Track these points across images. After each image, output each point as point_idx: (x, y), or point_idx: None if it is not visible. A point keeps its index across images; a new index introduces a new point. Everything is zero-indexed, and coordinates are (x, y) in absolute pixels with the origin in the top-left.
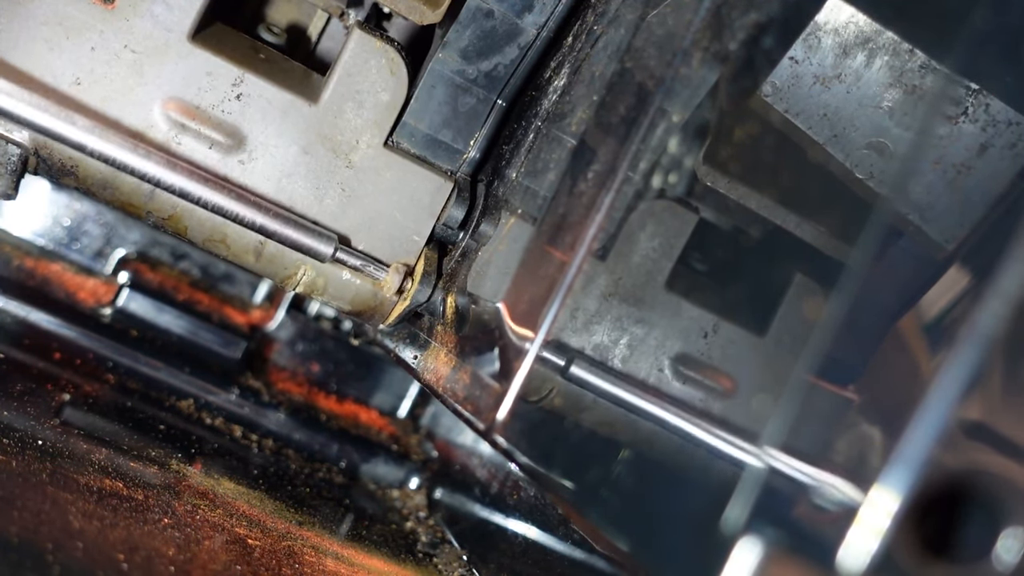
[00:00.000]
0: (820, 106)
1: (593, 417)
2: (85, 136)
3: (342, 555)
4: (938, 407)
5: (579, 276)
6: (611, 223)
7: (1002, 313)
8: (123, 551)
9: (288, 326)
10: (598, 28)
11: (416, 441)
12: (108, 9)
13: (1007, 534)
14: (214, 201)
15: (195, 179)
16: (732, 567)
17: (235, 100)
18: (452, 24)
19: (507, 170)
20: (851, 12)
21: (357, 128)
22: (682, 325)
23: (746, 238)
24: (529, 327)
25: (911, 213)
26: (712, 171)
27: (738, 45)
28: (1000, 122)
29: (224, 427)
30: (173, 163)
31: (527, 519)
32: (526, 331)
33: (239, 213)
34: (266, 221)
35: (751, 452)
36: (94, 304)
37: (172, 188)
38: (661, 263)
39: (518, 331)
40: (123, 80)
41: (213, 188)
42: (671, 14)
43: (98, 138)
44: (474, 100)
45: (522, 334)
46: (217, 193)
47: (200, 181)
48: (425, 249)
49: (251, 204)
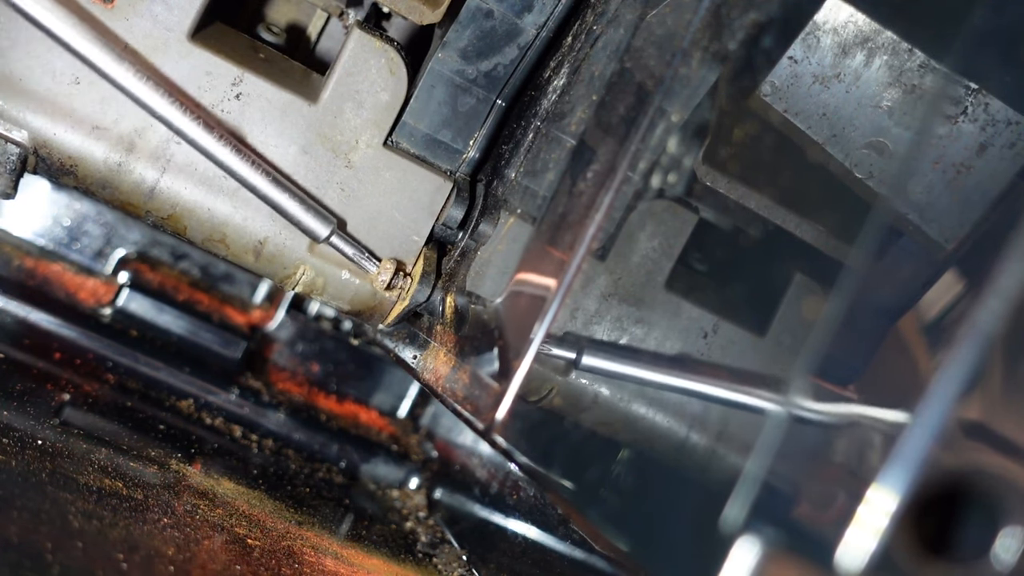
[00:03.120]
0: (819, 106)
1: (593, 417)
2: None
3: (342, 555)
4: (937, 407)
5: (579, 276)
6: (611, 223)
7: (1002, 313)
8: (123, 551)
9: (288, 326)
10: (597, 28)
11: (416, 441)
12: (108, 8)
13: (1006, 533)
14: (220, 154)
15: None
16: (731, 566)
17: (235, 99)
18: (452, 24)
19: (506, 170)
20: (850, 11)
21: (356, 128)
22: (682, 325)
23: (746, 238)
24: (528, 327)
25: (911, 213)
26: (712, 171)
27: (737, 45)
28: (999, 121)
29: (224, 427)
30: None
31: (527, 519)
32: (525, 331)
33: (240, 170)
34: (268, 186)
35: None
36: (94, 304)
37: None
38: (661, 263)
39: (517, 331)
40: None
41: (223, 142)
42: (670, 14)
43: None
44: (473, 100)
45: (521, 334)
46: (221, 145)
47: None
48: (424, 249)
49: (257, 166)
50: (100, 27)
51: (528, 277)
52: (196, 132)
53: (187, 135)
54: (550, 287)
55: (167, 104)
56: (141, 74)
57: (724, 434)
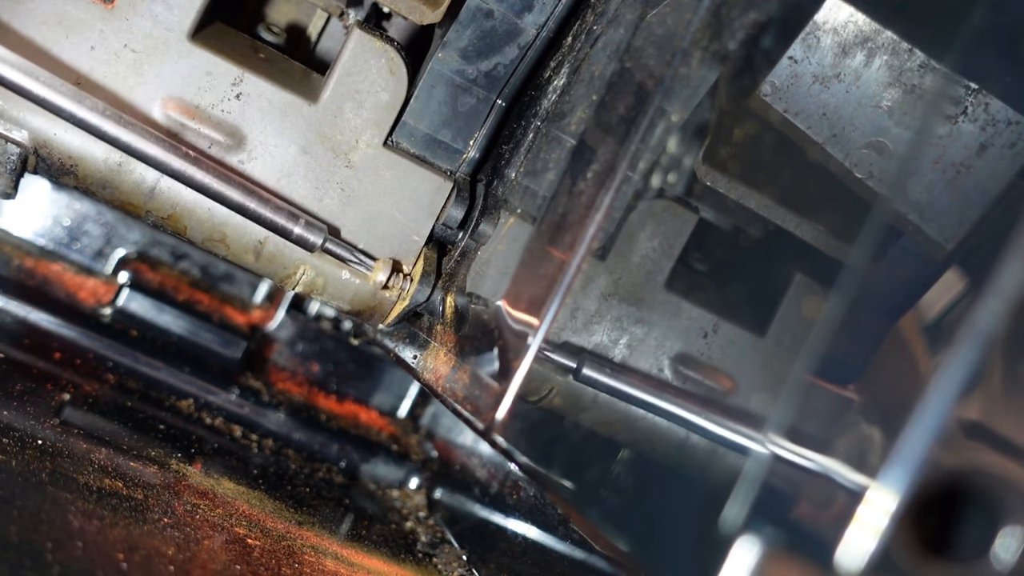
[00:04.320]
0: (819, 105)
1: (593, 417)
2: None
3: (342, 555)
4: (937, 406)
5: (578, 276)
6: (611, 223)
7: (1001, 312)
8: (123, 551)
9: (288, 326)
10: (597, 28)
11: (416, 441)
12: (108, 8)
13: (1005, 533)
14: (200, 178)
15: (178, 154)
16: (731, 566)
17: (235, 99)
18: (452, 24)
19: (506, 170)
20: (850, 11)
21: (357, 128)
22: (682, 325)
23: (746, 238)
24: (528, 327)
25: (911, 212)
26: (711, 171)
27: (737, 45)
28: (999, 121)
29: (224, 427)
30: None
31: (527, 519)
32: (525, 331)
33: (225, 192)
34: (253, 203)
35: (750, 450)
36: (94, 304)
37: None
38: (661, 263)
39: (517, 331)
40: (123, 79)
41: (200, 167)
42: (670, 14)
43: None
44: (474, 100)
45: (521, 334)
46: (203, 171)
47: (183, 157)
48: (424, 249)
49: (240, 186)
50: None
51: (528, 277)
52: (174, 162)
53: (162, 166)
54: (550, 287)
55: (134, 137)
56: (109, 111)
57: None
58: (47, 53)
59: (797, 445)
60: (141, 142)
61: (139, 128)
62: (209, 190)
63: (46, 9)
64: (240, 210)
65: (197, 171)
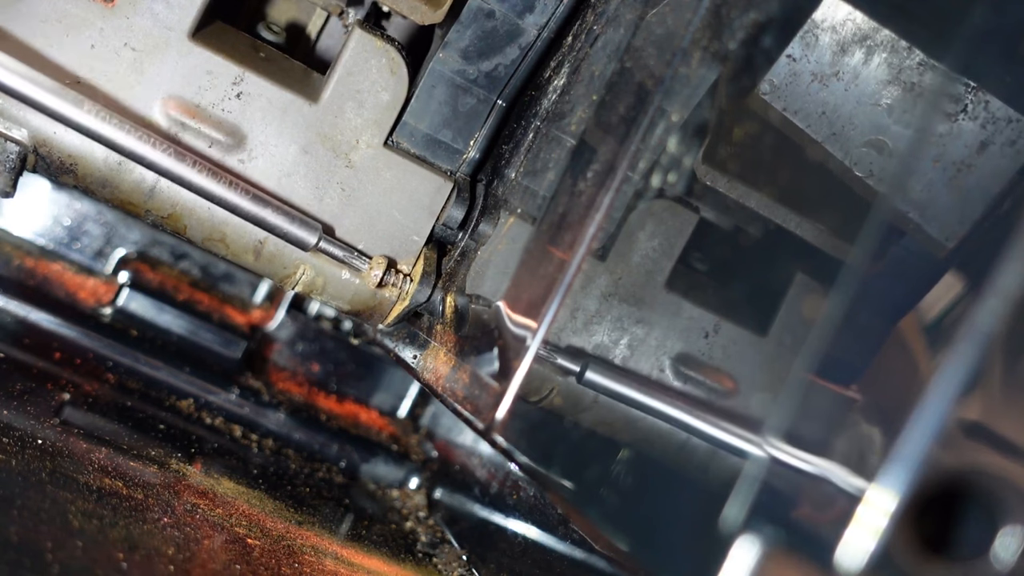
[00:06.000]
0: (818, 104)
1: (593, 417)
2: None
3: (342, 555)
4: (937, 406)
5: (579, 276)
6: (611, 223)
7: (1002, 312)
8: (123, 550)
9: (288, 326)
10: (597, 27)
11: (416, 441)
12: (108, 7)
13: (1005, 532)
14: (193, 179)
15: (171, 155)
16: (730, 566)
17: (235, 99)
18: (453, 24)
19: (507, 170)
20: (848, 9)
21: (357, 128)
22: (682, 325)
23: (746, 237)
24: (528, 327)
25: (911, 211)
26: (711, 170)
27: (736, 44)
28: (1000, 119)
29: (224, 427)
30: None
31: (527, 519)
32: (525, 331)
33: (219, 192)
34: (247, 203)
35: (750, 451)
36: (94, 304)
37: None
38: (661, 263)
39: (517, 331)
40: (123, 78)
41: (195, 166)
42: (670, 13)
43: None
44: (474, 100)
45: (521, 334)
46: (197, 171)
47: (176, 158)
48: (425, 249)
49: (235, 185)
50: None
51: (528, 277)
52: (167, 162)
53: (156, 167)
54: (550, 287)
55: (130, 139)
56: (106, 115)
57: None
58: (47, 51)
59: (797, 445)
60: (136, 144)
61: (135, 130)
62: (204, 190)
63: (46, 7)
64: (234, 210)
65: (191, 171)
